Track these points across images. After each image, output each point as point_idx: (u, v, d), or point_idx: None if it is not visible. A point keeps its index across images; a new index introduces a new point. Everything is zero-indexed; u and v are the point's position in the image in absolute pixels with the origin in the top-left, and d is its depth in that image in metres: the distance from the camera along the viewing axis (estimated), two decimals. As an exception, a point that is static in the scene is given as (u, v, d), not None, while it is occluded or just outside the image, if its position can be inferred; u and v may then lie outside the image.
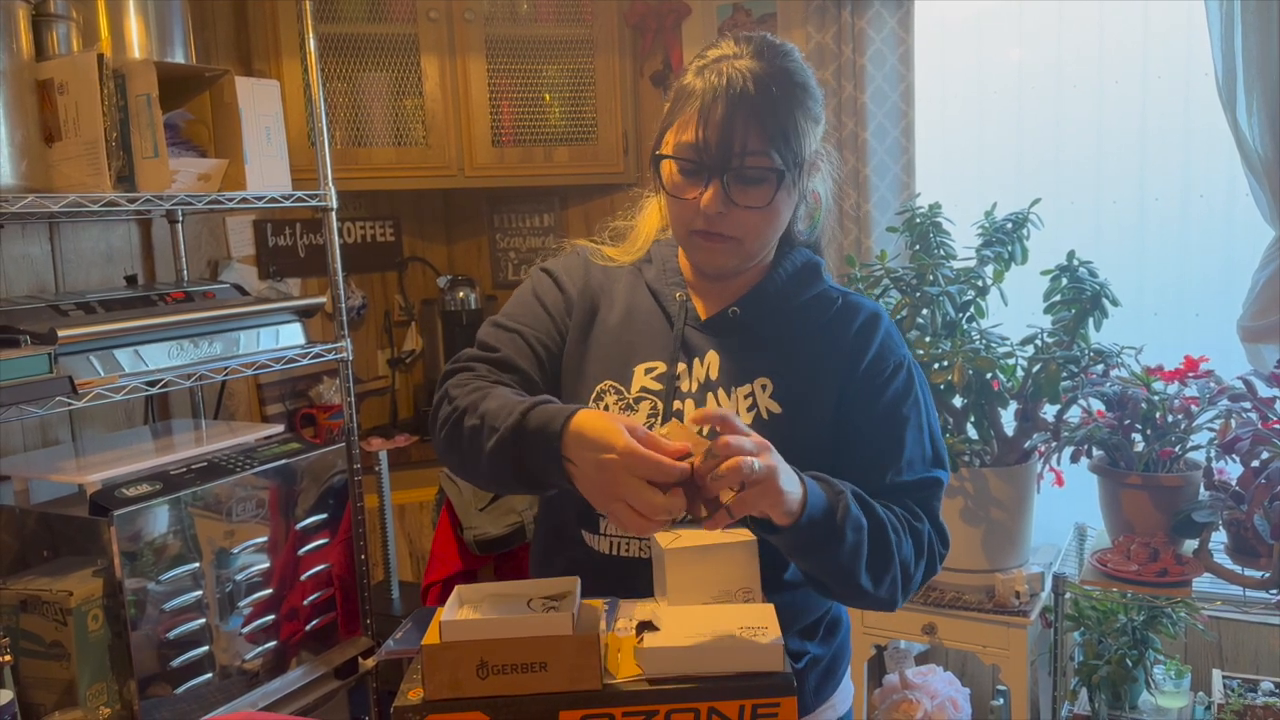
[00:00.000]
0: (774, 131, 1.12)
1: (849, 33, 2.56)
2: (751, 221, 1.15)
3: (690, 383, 1.21)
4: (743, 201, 1.13)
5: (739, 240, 1.17)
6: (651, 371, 1.22)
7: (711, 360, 1.22)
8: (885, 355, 1.22)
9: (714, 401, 1.20)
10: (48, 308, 1.82)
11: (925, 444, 1.21)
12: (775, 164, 1.12)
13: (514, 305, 1.30)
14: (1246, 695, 2.18)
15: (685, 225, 1.18)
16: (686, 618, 1.01)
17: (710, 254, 1.19)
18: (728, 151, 1.11)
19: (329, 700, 2.13)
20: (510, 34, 2.77)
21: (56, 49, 1.87)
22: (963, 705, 2.39)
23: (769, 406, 1.19)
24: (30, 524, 1.81)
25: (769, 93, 1.11)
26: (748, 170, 1.12)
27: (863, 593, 1.12)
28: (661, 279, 1.27)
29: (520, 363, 1.23)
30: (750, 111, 1.11)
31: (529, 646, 0.93)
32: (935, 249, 2.29)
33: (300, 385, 2.78)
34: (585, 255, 1.34)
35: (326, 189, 2.20)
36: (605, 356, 1.24)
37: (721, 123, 1.11)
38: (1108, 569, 2.04)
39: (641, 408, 1.20)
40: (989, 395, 2.18)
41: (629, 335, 1.25)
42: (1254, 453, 1.87)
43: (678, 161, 1.16)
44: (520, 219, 3.20)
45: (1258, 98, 2.12)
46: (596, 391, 1.22)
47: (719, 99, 1.11)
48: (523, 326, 1.26)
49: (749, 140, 1.11)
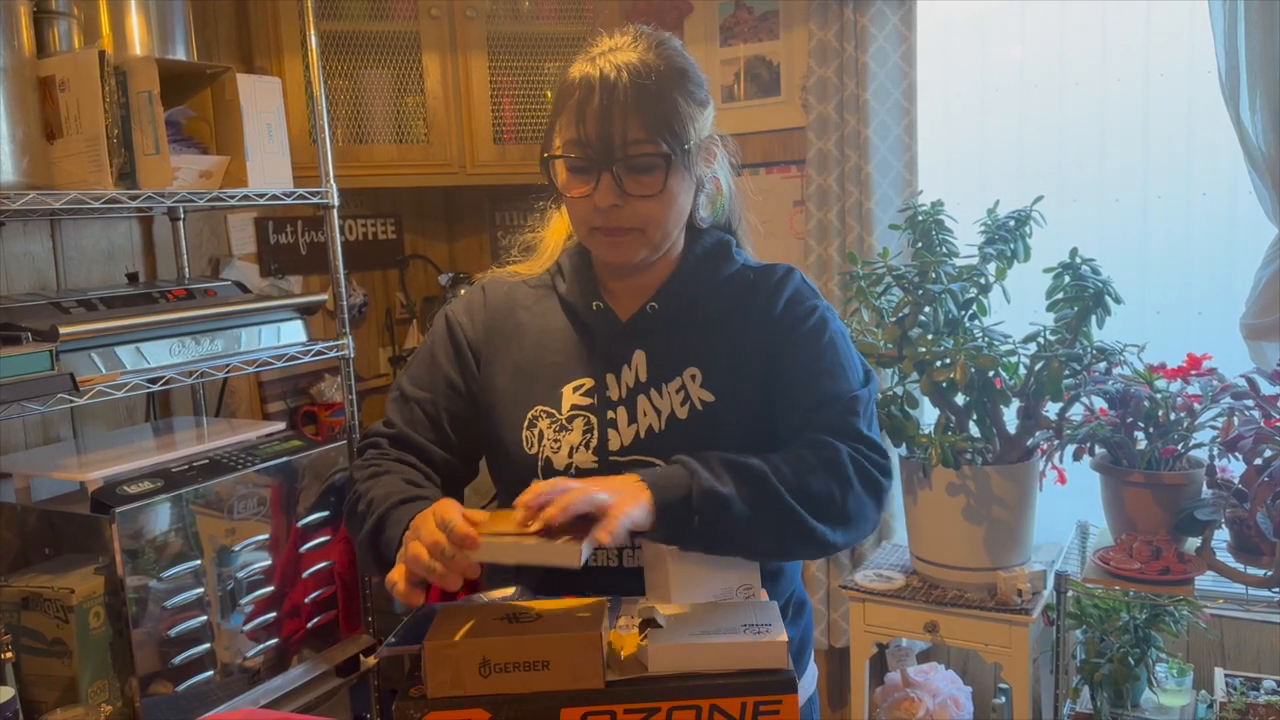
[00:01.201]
0: (653, 117, 1.11)
1: (851, 30, 2.55)
2: (648, 210, 1.15)
3: (620, 390, 1.21)
4: (635, 191, 1.13)
5: (640, 230, 1.17)
6: (580, 388, 1.22)
7: (639, 362, 1.22)
8: (795, 303, 1.23)
9: (646, 403, 1.20)
10: (49, 305, 1.82)
11: (848, 375, 1.20)
12: (660, 149, 1.12)
13: (416, 364, 1.31)
14: (1249, 694, 2.17)
15: (585, 224, 1.18)
16: (689, 615, 1.00)
17: (615, 249, 1.19)
18: (610, 143, 1.11)
19: (330, 698, 2.13)
20: (512, 31, 2.76)
21: (58, 46, 1.87)
22: (964, 703, 2.39)
23: (701, 396, 1.19)
24: (32, 521, 1.81)
25: (645, 79, 1.11)
26: (634, 159, 1.12)
27: (779, 550, 1.12)
28: (575, 291, 1.27)
29: (417, 437, 1.25)
30: (628, 100, 1.11)
31: (531, 645, 0.93)
32: (937, 246, 2.29)
33: (302, 383, 2.78)
34: (491, 286, 1.33)
35: (328, 186, 2.19)
36: (528, 383, 1.24)
37: (600, 115, 1.11)
38: (1110, 567, 2.03)
39: (575, 425, 1.20)
40: (991, 393, 2.17)
41: (550, 357, 1.25)
42: (1257, 451, 1.87)
43: (566, 160, 1.16)
44: (522, 216, 3.20)
45: (1261, 95, 2.11)
46: (528, 419, 1.22)
47: (594, 92, 1.11)
48: (420, 393, 1.27)
49: (629, 129, 1.11)
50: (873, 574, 2.39)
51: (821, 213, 2.66)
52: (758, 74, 2.80)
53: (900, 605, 2.28)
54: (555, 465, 1.19)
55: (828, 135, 2.62)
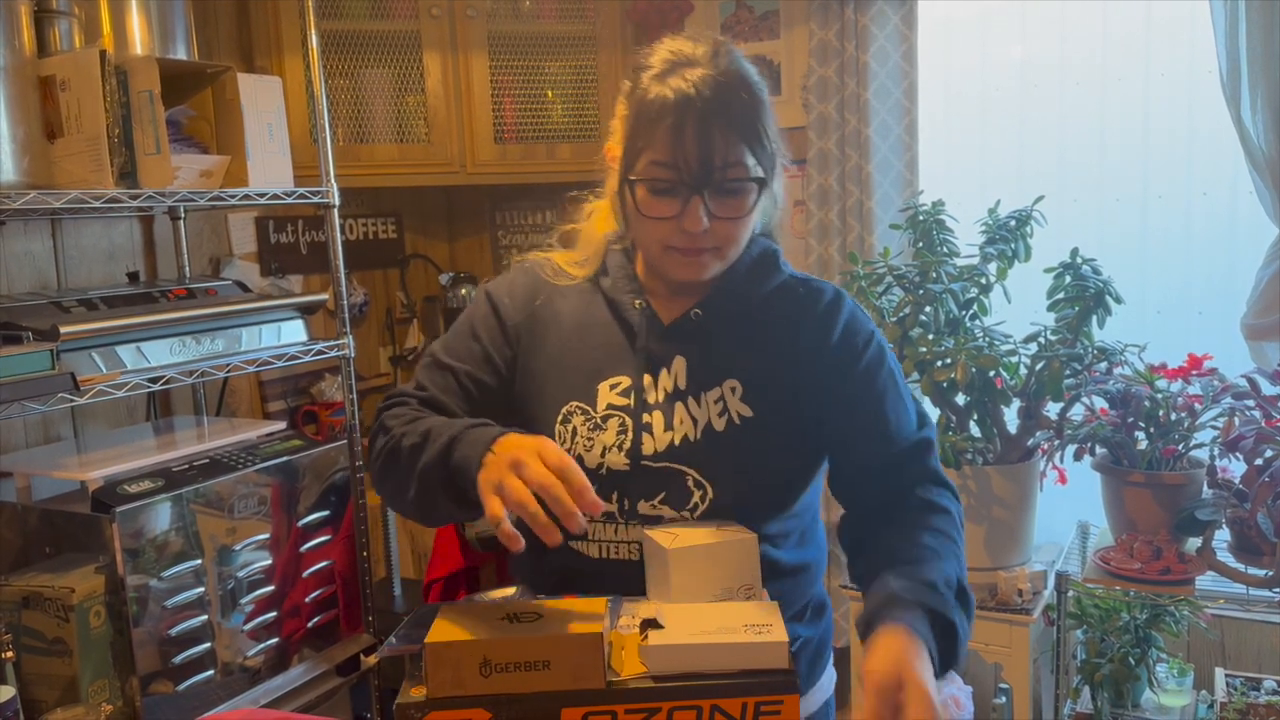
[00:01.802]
0: (749, 138, 1.09)
1: (852, 29, 2.55)
2: (730, 230, 1.14)
3: (657, 394, 1.19)
4: (723, 214, 1.11)
5: (718, 249, 1.15)
6: (616, 387, 1.20)
7: (679, 367, 1.20)
8: (852, 332, 1.21)
9: (683, 411, 1.17)
10: (50, 304, 1.82)
11: (908, 409, 1.21)
12: (754, 172, 1.10)
13: (454, 336, 1.29)
14: (1249, 694, 2.17)
15: (660, 242, 1.15)
16: (691, 615, 1.00)
17: (690, 269, 1.16)
18: (709, 166, 1.08)
19: (331, 697, 2.13)
20: (512, 31, 2.76)
21: (58, 45, 1.87)
22: (965, 703, 2.39)
23: (740, 410, 1.17)
24: (32, 521, 1.81)
25: (737, 99, 1.09)
26: (730, 183, 1.10)
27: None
28: (619, 288, 1.24)
29: (449, 403, 1.22)
30: (725, 122, 1.08)
31: (532, 645, 0.93)
32: (938, 246, 2.29)
33: (302, 382, 2.78)
34: (535, 272, 1.30)
35: (328, 186, 2.19)
36: (566, 377, 1.22)
37: (698, 138, 1.07)
38: (1110, 567, 2.03)
39: (610, 425, 1.18)
40: (992, 393, 2.17)
41: (589, 352, 1.22)
42: (1257, 451, 1.87)
43: (651, 183, 1.12)
44: (522, 216, 3.20)
45: (1262, 95, 2.11)
46: (562, 414, 1.20)
47: (690, 112, 1.07)
48: (456, 363, 1.25)
49: (728, 152, 1.09)
50: (873, 574, 2.38)
51: (822, 212, 2.66)
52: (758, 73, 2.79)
53: (901, 605, 2.28)
54: (587, 464, 1.17)
55: (828, 135, 2.62)
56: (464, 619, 0.97)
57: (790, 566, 1.22)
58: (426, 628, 1.04)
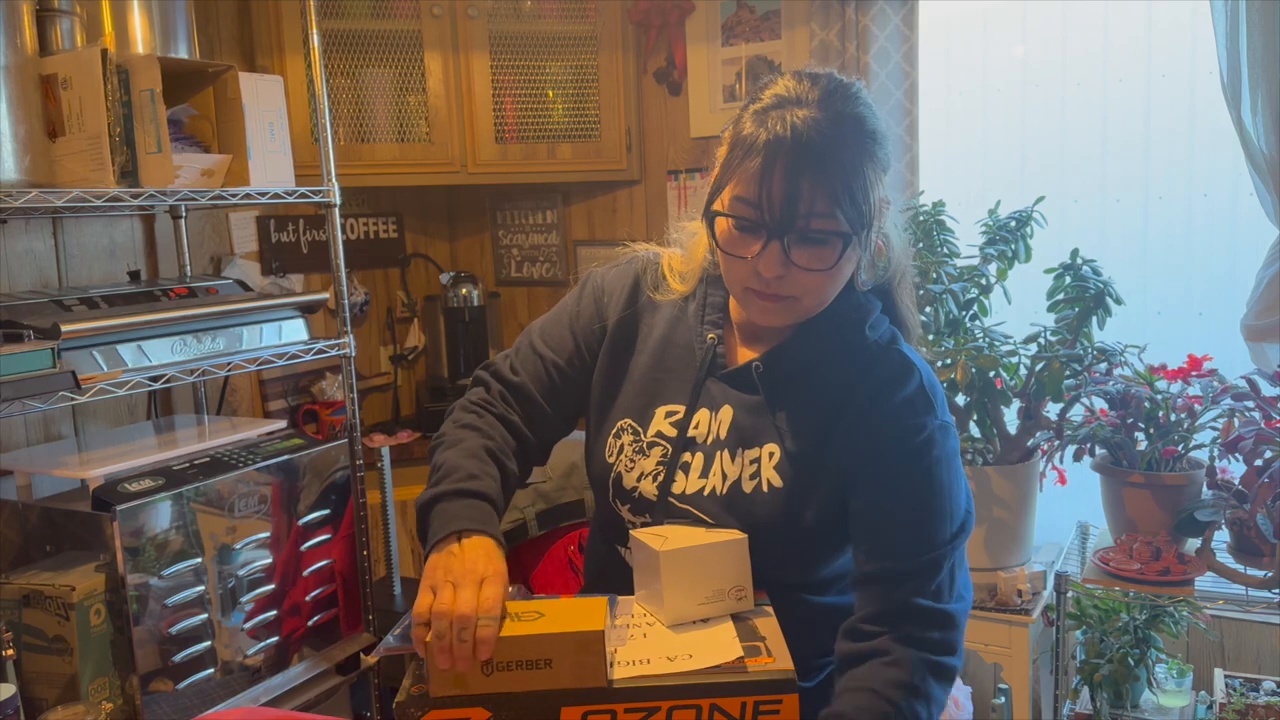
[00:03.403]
0: (842, 191, 1.03)
1: (853, 30, 2.55)
2: (812, 282, 1.08)
3: (705, 435, 1.19)
4: (804, 264, 1.06)
5: (796, 299, 1.10)
6: (672, 416, 1.21)
7: (725, 416, 1.19)
8: (905, 414, 1.12)
9: (719, 463, 1.17)
10: (51, 303, 1.82)
11: (938, 520, 1.10)
12: (841, 227, 1.04)
13: (553, 321, 1.32)
14: (1248, 695, 2.17)
15: (740, 282, 1.12)
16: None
17: (764, 314, 1.12)
18: (792, 213, 1.03)
19: (331, 696, 2.13)
20: (514, 30, 2.77)
21: (60, 44, 1.87)
22: (964, 703, 2.39)
23: (770, 479, 1.15)
24: (33, 519, 1.81)
25: (838, 148, 1.03)
26: (812, 233, 1.05)
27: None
28: (700, 317, 1.23)
29: (534, 391, 1.27)
30: (818, 170, 1.02)
31: (534, 644, 0.93)
32: (939, 247, 2.29)
33: (303, 381, 2.78)
34: (638, 276, 1.29)
35: (329, 185, 2.20)
36: (634, 391, 1.24)
37: (785, 181, 1.02)
38: (1110, 568, 2.03)
39: (653, 453, 1.20)
40: (992, 393, 2.17)
41: (659, 372, 1.24)
42: (1257, 452, 1.86)
43: (731, 219, 1.08)
44: (523, 216, 3.20)
45: (1262, 96, 2.11)
46: (617, 428, 1.24)
47: (781, 154, 1.02)
48: (550, 354, 1.28)
49: (815, 202, 1.03)
50: (873, 574, 2.38)
51: (823, 213, 2.65)
52: (759, 74, 2.80)
53: (900, 605, 2.28)
54: (624, 484, 1.21)
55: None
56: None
57: (827, 607, 1.21)
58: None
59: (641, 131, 2.93)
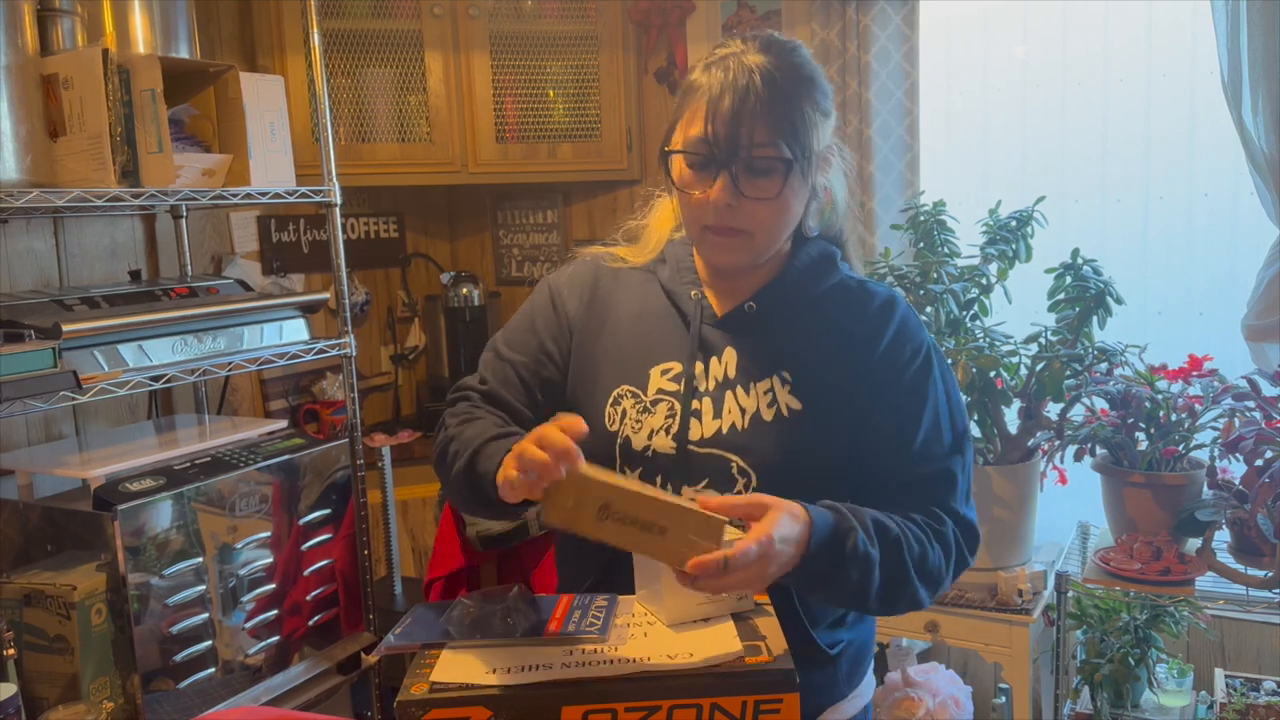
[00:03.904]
0: (781, 122, 1.12)
1: (854, 29, 2.55)
2: (761, 214, 1.15)
3: (708, 382, 1.21)
4: (751, 193, 1.13)
5: (749, 234, 1.16)
6: (668, 373, 1.22)
7: (729, 358, 1.22)
8: (901, 340, 1.21)
9: (732, 399, 1.19)
10: (52, 302, 1.82)
11: (944, 429, 1.20)
12: (783, 154, 1.12)
13: (514, 328, 1.33)
14: (1249, 694, 2.18)
15: (697, 222, 1.18)
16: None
17: (721, 250, 1.19)
18: (735, 143, 1.11)
19: (331, 695, 2.13)
20: (514, 30, 2.77)
21: (61, 44, 1.88)
22: (965, 703, 2.39)
23: (789, 403, 1.19)
24: (34, 518, 1.81)
25: (775, 84, 1.12)
26: (756, 161, 1.12)
27: (867, 612, 1.14)
28: (676, 278, 1.27)
29: (508, 396, 1.27)
30: (757, 103, 1.11)
31: (659, 507, 0.93)
32: (939, 247, 2.29)
33: (303, 381, 2.78)
34: (596, 263, 1.34)
35: (330, 185, 2.20)
36: (619, 361, 1.25)
37: (729, 115, 1.11)
38: (1110, 567, 2.03)
39: (659, 409, 1.21)
40: (992, 393, 2.17)
41: (643, 338, 1.25)
42: (1257, 452, 1.87)
43: (686, 156, 1.16)
44: (524, 215, 3.20)
45: (1263, 96, 2.11)
46: (613, 396, 1.23)
47: (726, 92, 1.11)
48: (515, 356, 1.30)
49: (756, 131, 1.11)
50: (873, 574, 2.38)
51: (823, 212, 2.65)
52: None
53: (901, 605, 2.28)
54: (634, 446, 1.20)
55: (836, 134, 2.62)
56: (603, 473, 0.96)
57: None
58: (426, 626, 1.04)
59: (642, 131, 2.93)
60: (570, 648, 0.99)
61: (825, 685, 1.23)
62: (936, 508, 1.17)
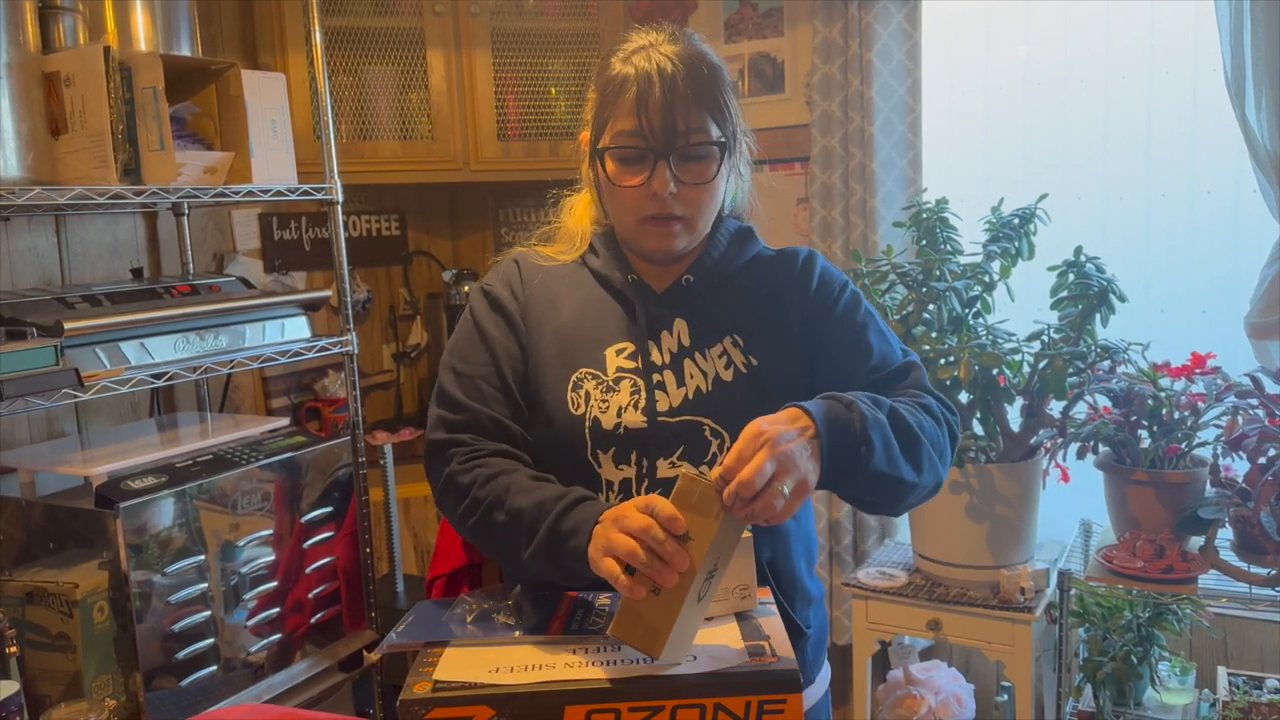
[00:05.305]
0: (710, 107, 1.17)
1: (856, 27, 2.55)
2: (698, 198, 1.20)
3: (663, 355, 1.24)
4: (689, 179, 1.18)
5: (688, 219, 1.21)
6: (623, 352, 1.24)
7: (680, 328, 1.25)
8: (829, 280, 1.29)
9: (692, 366, 1.23)
10: (54, 300, 1.82)
11: (891, 341, 1.28)
12: (715, 138, 1.17)
13: (462, 343, 1.28)
14: (1252, 692, 2.17)
15: (634, 214, 1.21)
16: None
17: (663, 238, 1.22)
18: (672, 132, 1.15)
19: (333, 693, 2.13)
20: (516, 28, 2.76)
21: (63, 41, 1.87)
22: (967, 701, 2.39)
23: (744, 362, 1.23)
24: (36, 516, 1.81)
25: (698, 72, 1.16)
26: (692, 148, 1.17)
27: (911, 486, 1.13)
28: (608, 266, 1.29)
29: (489, 412, 1.22)
30: (688, 91, 1.15)
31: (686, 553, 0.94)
32: (942, 244, 2.29)
33: (305, 379, 2.78)
34: (524, 260, 1.34)
35: (332, 183, 2.20)
36: (571, 348, 1.25)
37: (662, 107, 1.15)
38: (1113, 566, 2.03)
39: (622, 386, 1.22)
40: (995, 391, 2.17)
41: (590, 324, 1.26)
42: (1261, 449, 1.86)
43: (622, 151, 1.19)
44: (525, 213, 3.20)
45: (1266, 93, 2.11)
46: (573, 381, 1.23)
47: (654, 84, 1.15)
48: (480, 368, 1.25)
49: (690, 119, 1.16)
50: (875, 571, 2.39)
51: (825, 210, 2.65)
52: (762, 71, 2.80)
53: (903, 603, 2.28)
54: (604, 425, 1.20)
55: (832, 132, 2.62)
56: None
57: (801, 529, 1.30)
58: (427, 624, 1.04)
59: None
60: (573, 647, 0.99)
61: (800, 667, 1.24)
62: (912, 387, 1.22)
